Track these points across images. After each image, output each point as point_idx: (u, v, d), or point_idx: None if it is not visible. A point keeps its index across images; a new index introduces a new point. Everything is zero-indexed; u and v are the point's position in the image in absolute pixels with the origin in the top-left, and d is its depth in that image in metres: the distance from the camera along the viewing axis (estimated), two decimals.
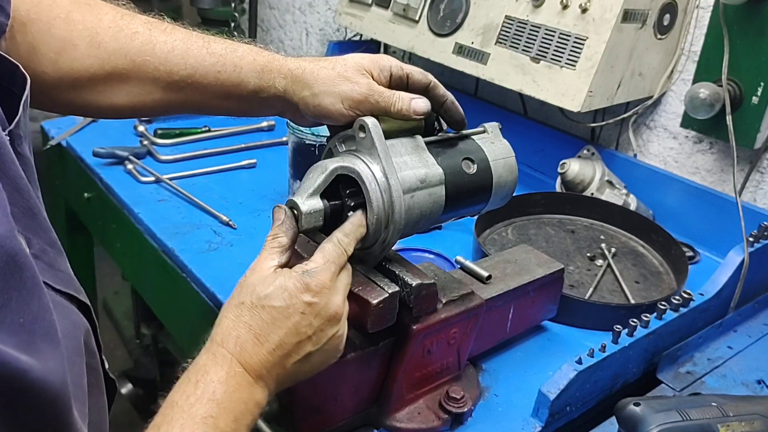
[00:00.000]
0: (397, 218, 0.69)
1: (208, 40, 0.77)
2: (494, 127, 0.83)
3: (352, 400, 0.78)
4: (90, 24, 0.74)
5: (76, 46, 0.73)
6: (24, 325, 0.42)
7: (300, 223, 0.68)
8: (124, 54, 0.74)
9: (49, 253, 0.56)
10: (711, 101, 1.23)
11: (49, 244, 0.56)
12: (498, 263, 0.96)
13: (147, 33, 0.75)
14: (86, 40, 0.73)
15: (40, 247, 0.55)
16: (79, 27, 0.73)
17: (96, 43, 0.73)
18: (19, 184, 0.52)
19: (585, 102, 1.24)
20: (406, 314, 0.75)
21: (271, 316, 0.63)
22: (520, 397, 0.88)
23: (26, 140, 0.57)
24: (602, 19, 1.23)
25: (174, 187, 1.37)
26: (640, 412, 0.74)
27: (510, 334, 0.96)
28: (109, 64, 0.74)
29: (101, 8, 0.76)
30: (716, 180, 1.37)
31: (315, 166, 0.71)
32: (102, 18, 0.75)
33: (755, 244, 1.04)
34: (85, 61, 0.73)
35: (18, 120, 0.55)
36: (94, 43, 0.73)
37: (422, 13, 1.51)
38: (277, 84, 0.76)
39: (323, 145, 1.08)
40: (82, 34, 0.73)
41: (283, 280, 0.64)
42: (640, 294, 1.14)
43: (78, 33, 0.73)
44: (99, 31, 0.74)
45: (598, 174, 1.37)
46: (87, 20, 0.74)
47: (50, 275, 0.55)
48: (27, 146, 0.57)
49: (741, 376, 0.95)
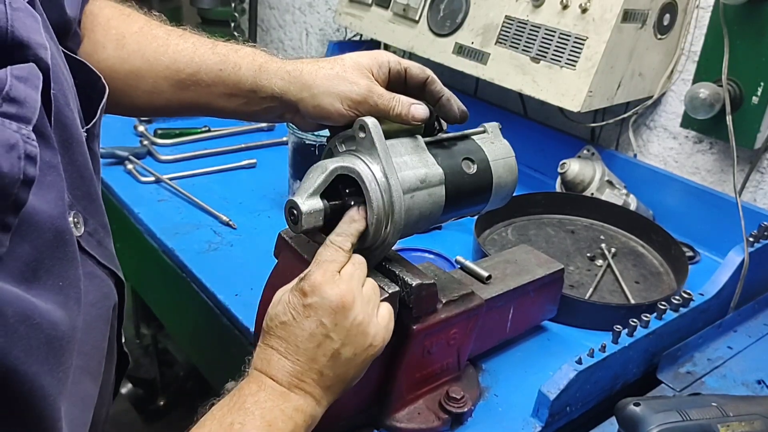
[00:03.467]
0: (397, 218, 0.69)
1: (215, 43, 0.81)
2: (494, 127, 0.83)
3: (352, 400, 0.78)
4: (121, 29, 0.81)
5: (105, 48, 0.80)
6: (62, 288, 0.51)
7: (300, 223, 0.68)
8: (142, 54, 0.80)
9: (100, 233, 0.66)
10: (711, 101, 1.23)
11: (101, 226, 0.66)
12: (498, 263, 0.96)
13: (164, 37, 0.81)
14: (114, 42, 0.80)
15: (94, 227, 0.64)
16: (113, 32, 0.81)
17: (121, 45, 0.80)
18: (83, 173, 0.61)
19: (585, 102, 1.25)
20: (406, 314, 0.75)
21: (284, 331, 0.66)
22: (520, 397, 0.88)
23: (98, 139, 0.68)
24: (602, 19, 1.23)
25: (174, 187, 1.37)
26: (640, 412, 0.74)
27: (510, 334, 0.96)
28: (128, 63, 0.80)
29: (134, 18, 0.83)
30: (716, 180, 1.37)
31: (315, 166, 0.71)
32: (131, 25, 0.82)
33: (755, 244, 1.04)
34: (109, 61, 0.79)
35: (95, 121, 0.65)
36: (120, 45, 0.80)
37: (422, 13, 1.51)
38: (275, 85, 0.76)
39: (323, 145, 1.08)
40: (113, 37, 0.80)
41: (284, 295, 0.68)
42: (640, 294, 1.14)
43: (110, 37, 0.81)
44: (126, 35, 0.81)
45: (598, 174, 1.37)
46: (120, 26, 0.81)
47: (99, 251, 0.65)
48: (97, 144, 0.68)
49: (741, 376, 0.95)
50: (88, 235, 0.63)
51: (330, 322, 0.65)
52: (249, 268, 1.12)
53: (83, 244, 0.61)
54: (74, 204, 0.60)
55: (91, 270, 0.63)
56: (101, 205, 0.67)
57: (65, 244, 0.52)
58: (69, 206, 0.58)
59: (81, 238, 0.61)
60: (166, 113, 0.87)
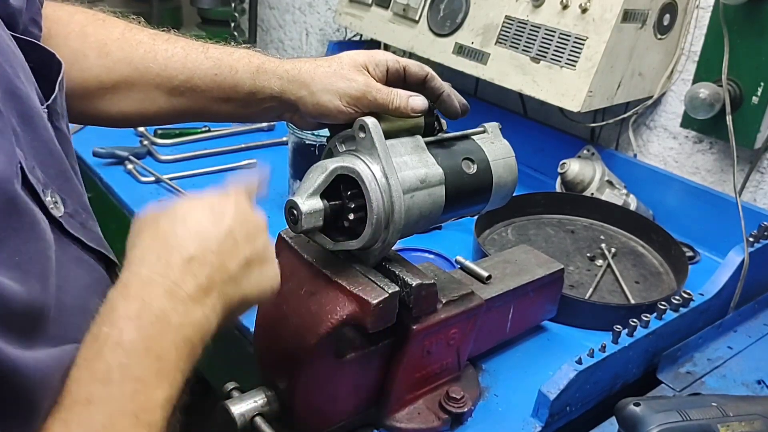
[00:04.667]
0: (396, 218, 0.69)
1: (207, 47, 0.80)
2: (494, 127, 0.83)
3: (352, 400, 0.78)
4: (101, 36, 0.79)
5: (86, 56, 0.78)
6: (19, 264, 0.47)
7: (300, 223, 0.68)
8: (129, 62, 0.78)
9: (82, 214, 0.63)
10: (711, 101, 1.23)
11: (81, 207, 0.63)
12: (498, 263, 0.96)
13: (150, 42, 0.79)
14: (96, 51, 0.78)
15: (74, 207, 0.62)
16: (91, 39, 0.78)
17: (104, 53, 0.78)
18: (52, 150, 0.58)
19: (585, 102, 1.24)
20: (406, 314, 0.75)
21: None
22: (520, 397, 0.88)
23: (64, 118, 0.65)
24: (602, 19, 1.23)
25: (174, 187, 1.37)
26: (640, 413, 0.74)
27: (510, 334, 0.96)
28: (116, 72, 0.78)
29: (113, 23, 0.81)
30: (716, 180, 1.37)
31: (315, 166, 0.71)
32: (112, 31, 0.79)
33: (755, 244, 1.04)
34: (93, 71, 0.78)
35: (55, 97, 0.62)
36: (103, 53, 0.78)
37: (422, 13, 1.51)
38: (273, 85, 0.76)
39: (323, 145, 1.08)
40: (93, 45, 0.78)
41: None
42: (640, 294, 1.14)
43: (89, 44, 0.78)
44: (108, 42, 0.78)
45: (598, 174, 1.37)
46: (98, 33, 0.79)
47: (83, 233, 0.62)
48: (64, 124, 0.65)
49: (741, 376, 0.95)
50: (69, 217, 0.61)
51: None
52: None
53: (66, 226, 0.60)
54: (49, 183, 0.58)
55: (77, 255, 0.62)
56: (78, 185, 0.65)
57: (19, 214, 0.48)
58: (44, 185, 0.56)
59: (63, 219, 0.59)
60: (159, 121, 0.86)
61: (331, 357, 0.73)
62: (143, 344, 0.49)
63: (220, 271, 0.56)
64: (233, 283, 0.57)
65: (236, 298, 0.58)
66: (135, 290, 0.52)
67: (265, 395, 0.74)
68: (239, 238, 0.58)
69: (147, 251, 0.55)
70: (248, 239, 0.59)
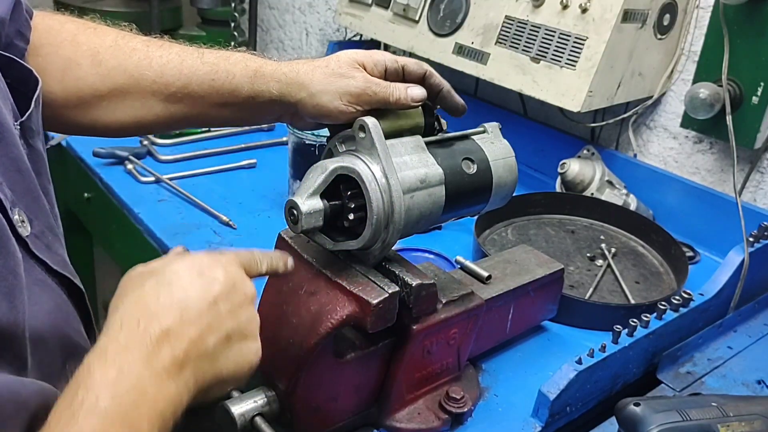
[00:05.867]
0: (396, 218, 0.69)
1: (202, 52, 0.79)
2: (494, 127, 0.83)
3: (352, 400, 0.78)
4: (93, 45, 0.78)
5: (80, 65, 0.77)
6: None
7: (300, 223, 0.68)
8: (123, 69, 0.77)
9: (48, 236, 0.62)
10: (711, 101, 1.23)
11: (48, 228, 0.62)
12: (498, 263, 0.96)
13: (144, 49, 0.78)
14: (89, 59, 0.77)
15: (41, 228, 0.61)
16: (83, 48, 0.77)
17: (98, 61, 0.77)
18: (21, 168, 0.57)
19: (585, 102, 1.24)
20: (406, 314, 0.75)
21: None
22: (520, 397, 0.88)
23: (39, 136, 0.63)
24: (602, 19, 1.23)
25: (174, 187, 1.37)
26: (640, 413, 0.74)
27: (510, 334, 0.96)
28: (110, 80, 0.77)
29: (104, 31, 0.80)
30: (716, 180, 1.37)
31: (315, 166, 0.71)
32: (104, 39, 0.78)
33: (755, 244, 1.04)
34: (88, 79, 0.77)
35: (30, 114, 0.61)
36: (96, 61, 0.77)
37: (422, 13, 1.51)
38: (272, 88, 0.76)
39: (323, 145, 1.08)
40: (86, 53, 0.77)
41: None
42: (640, 294, 1.14)
43: (82, 53, 0.77)
44: (100, 50, 0.77)
45: (598, 174, 1.37)
46: (91, 41, 0.78)
47: (48, 255, 0.61)
48: (39, 142, 0.63)
49: (741, 376, 0.95)
50: (35, 238, 0.59)
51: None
52: None
53: (32, 247, 0.59)
54: (16, 202, 0.57)
55: (41, 277, 0.60)
56: (46, 205, 0.63)
57: None
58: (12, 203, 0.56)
59: (29, 239, 0.58)
60: (156, 129, 0.84)
61: (331, 357, 0.73)
62: (118, 413, 0.48)
63: (197, 345, 0.55)
64: (209, 359, 0.56)
65: (210, 375, 0.57)
66: (112, 356, 0.51)
67: (265, 395, 0.74)
68: (223, 310, 0.57)
69: (127, 316, 0.54)
70: (232, 312, 0.58)
